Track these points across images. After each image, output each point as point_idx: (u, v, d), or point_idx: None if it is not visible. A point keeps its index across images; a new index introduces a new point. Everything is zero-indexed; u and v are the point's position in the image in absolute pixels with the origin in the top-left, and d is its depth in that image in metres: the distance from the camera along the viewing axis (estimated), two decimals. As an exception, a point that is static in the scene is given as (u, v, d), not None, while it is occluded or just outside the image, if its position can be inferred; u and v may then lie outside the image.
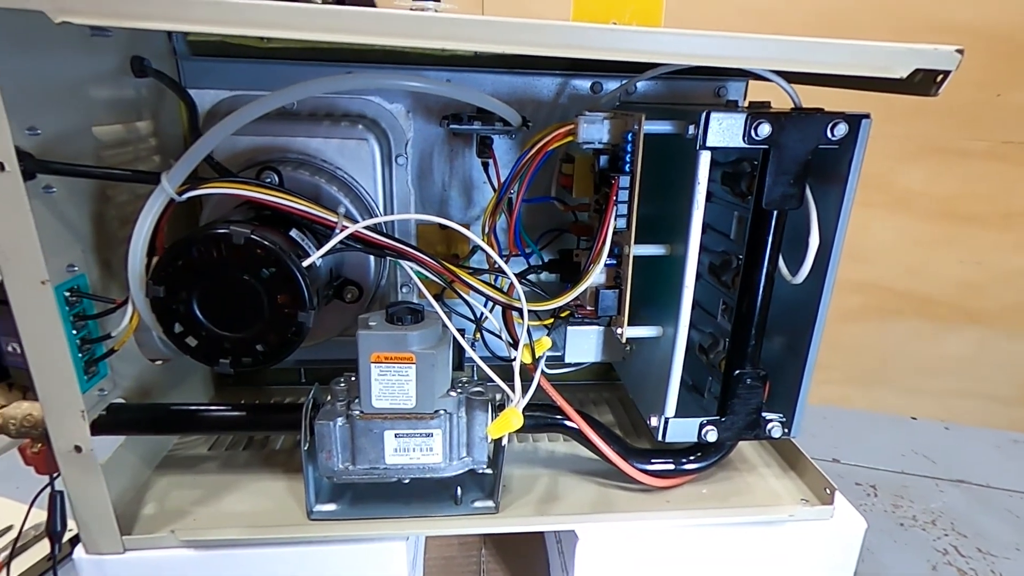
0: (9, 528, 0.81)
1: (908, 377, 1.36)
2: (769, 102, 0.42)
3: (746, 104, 0.47)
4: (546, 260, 0.48)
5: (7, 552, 0.75)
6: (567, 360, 0.46)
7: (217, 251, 0.31)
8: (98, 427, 0.35)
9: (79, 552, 0.36)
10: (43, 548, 0.75)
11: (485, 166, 0.45)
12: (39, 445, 0.37)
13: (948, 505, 0.95)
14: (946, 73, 0.30)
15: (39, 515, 0.70)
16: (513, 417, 0.34)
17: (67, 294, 0.33)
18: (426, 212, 0.52)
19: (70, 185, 0.33)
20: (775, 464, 0.46)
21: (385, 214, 0.48)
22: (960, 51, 0.30)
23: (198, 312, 0.33)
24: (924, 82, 0.31)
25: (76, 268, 0.34)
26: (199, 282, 0.32)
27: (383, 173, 0.47)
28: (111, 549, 0.36)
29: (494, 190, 0.43)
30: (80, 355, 0.34)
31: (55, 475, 0.36)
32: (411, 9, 0.28)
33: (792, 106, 0.37)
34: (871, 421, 1.20)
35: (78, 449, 0.33)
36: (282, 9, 0.26)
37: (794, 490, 0.43)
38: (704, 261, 0.43)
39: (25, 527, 0.76)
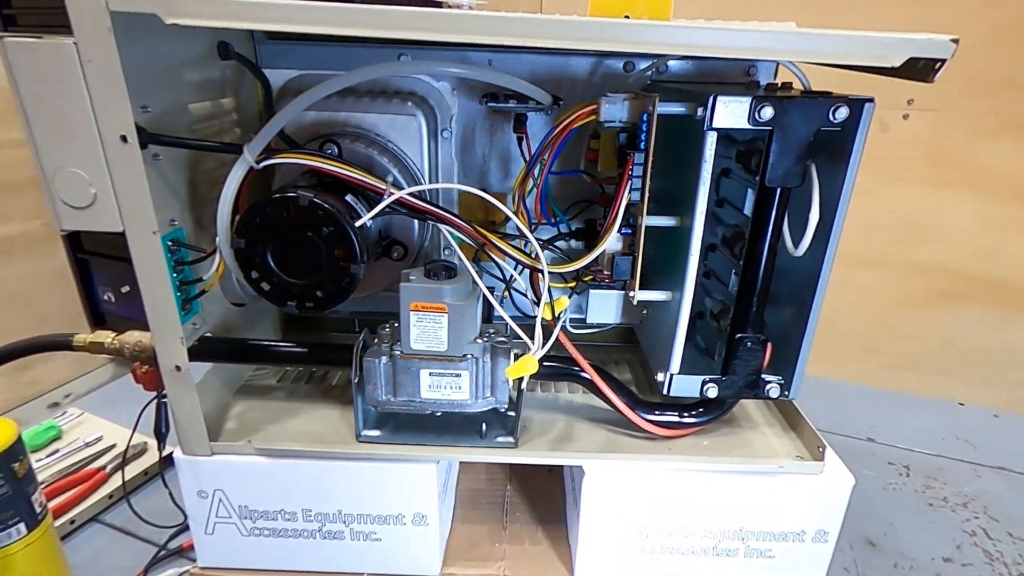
0: (113, 446, 0.94)
1: (972, 365, 1.31)
2: (791, 83, 0.44)
3: (773, 82, 0.49)
4: (573, 228, 0.52)
5: (118, 462, 0.89)
6: (589, 320, 0.51)
7: (287, 211, 0.38)
8: (192, 354, 0.43)
9: (178, 452, 0.45)
10: (142, 464, 0.88)
11: (519, 141, 0.50)
12: (146, 366, 0.46)
13: (983, 490, 0.94)
14: (943, 61, 0.32)
15: (135, 437, 0.83)
16: (529, 363, 0.40)
17: (170, 244, 0.41)
18: (468, 181, 0.57)
19: (172, 154, 0.41)
20: (777, 424, 0.49)
21: (431, 183, 0.54)
22: (955, 40, 0.32)
23: (271, 262, 0.39)
24: (924, 69, 0.33)
25: (176, 222, 0.42)
26: (272, 237, 0.39)
27: (429, 145, 0.52)
28: (202, 452, 0.44)
29: (526, 163, 0.48)
30: (179, 294, 0.42)
31: (161, 391, 0.44)
32: (448, 6, 0.33)
33: (801, 88, 0.39)
34: (915, 404, 1.18)
35: (178, 368, 0.41)
36: (343, 10, 0.31)
37: (791, 447, 0.46)
38: (719, 233, 0.47)
39: (127, 446, 0.90)
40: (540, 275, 0.43)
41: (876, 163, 1.29)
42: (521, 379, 0.42)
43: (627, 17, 0.33)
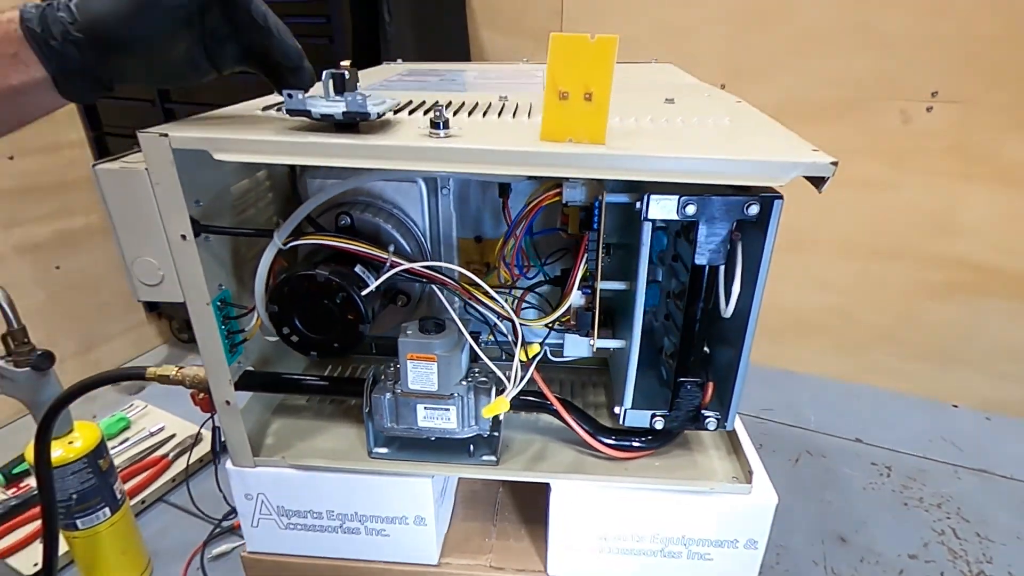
0: (173, 435, 1.09)
1: (990, 358, 1.33)
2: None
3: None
4: (552, 276, 0.61)
5: (178, 451, 1.04)
6: (565, 355, 0.60)
7: (308, 284, 0.48)
8: (237, 386, 0.54)
9: (228, 463, 0.56)
10: (197, 452, 1.02)
11: (503, 205, 0.58)
12: (203, 394, 0.57)
13: (961, 491, 1.00)
14: (827, 177, 0.39)
15: (191, 427, 0.98)
16: (502, 403, 0.49)
17: (218, 304, 0.51)
18: (465, 229, 0.66)
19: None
20: (723, 448, 0.58)
21: (432, 234, 0.63)
22: (835, 163, 0.39)
23: (297, 322, 0.50)
24: (815, 180, 0.40)
25: (223, 286, 0.52)
26: (298, 303, 0.49)
27: (430, 203, 0.61)
28: (247, 464, 0.55)
29: (507, 225, 0.57)
30: (227, 341, 0.52)
31: (214, 413, 0.56)
32: (430, 134, 0.42)
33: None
34: (907, 404, 1.23)
35: (227, 402, 0.52)
36: (339, 145, 0.40)
37: (729, 469, 0.55)
38: (675, 287, 0.55)
39: (183, 439, 1.05)
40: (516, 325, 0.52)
41: (898, 155, 1.32)
42: (499, 412, 0.52)
43: (570, 140, 0.41)
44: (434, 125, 0.42)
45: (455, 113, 0.51)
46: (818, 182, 0.40)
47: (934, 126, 1.23)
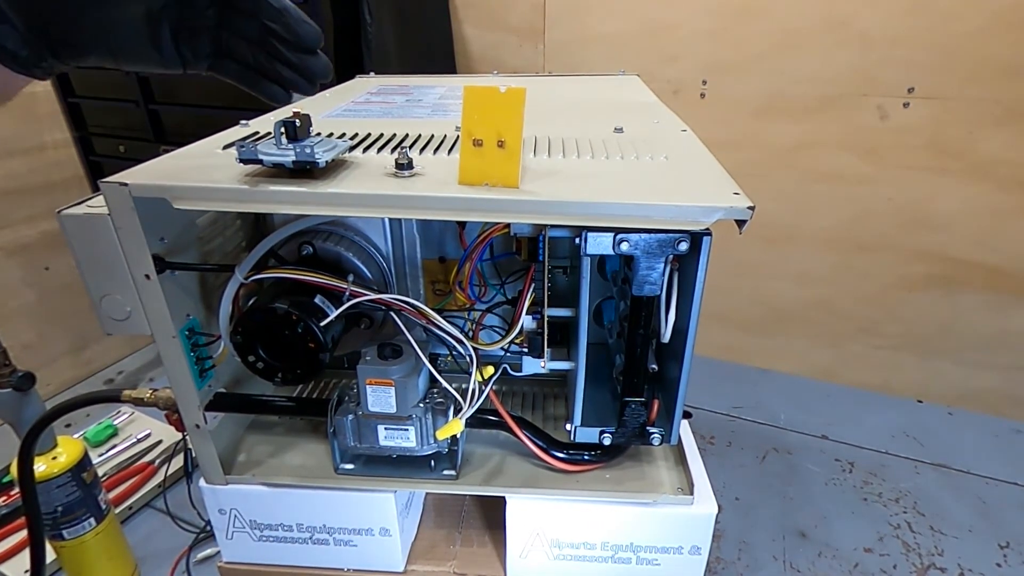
0: (159, 441, 1.12)
1: (968, 348, 1.36)
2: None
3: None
4: (510, 297, 0.64)
5: (164, 457, 1.07)
6: (523, 372, 0.63)
7: (269, 316, 0.51)
8: (208, 407, 0.57)
9: (201, 481, 0.59)
10: (181, 460, 1.05)
11: (459, 234, 0.61)
12: (176, 415, 0.60)
13: (919, 486, 1.04)
14: (745, 220, 0.42)
15: (176, 434, 0.98)
16: (455, 425, 0.52)
17: (187, 333, 0.54)
18: (428, 250, 0.68)
19: (184, 265, 0.53)
20: (672, 459, 0.61)
21: (396, 256, 0.65)
22: (752, 207, 0.41)
23: (261, 351, 0.52)
24: (737, 220, 0.43)
25: (191, 315, 0.55)
26: (260, 334, 0.52)
27: (392, 228, 0.64)
28: (218, 482, 0.58)
29: (463, 252, 0.59)
30: (196, 367, 0.55)
31: (187, 434, 0.58)
32: (395, 174, 0.44)
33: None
34: (874, 401, 1.27)
35: (197, 426, 0.55)
36: (293, 193, 0.43)
37: (676, 480, 0.58)
38: (623, 309, 0.57)
39: (169, 445, 1.07)
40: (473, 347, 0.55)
41: (876, 151, 1.35)
42: (457, 429, 0.55)
43: (487, 184, 0.44)
44: (399, 166, 0.44)
45: (411, 147, 0.54)
46: (739, 223, 0.43)
47: (911, 122, 1.26)
